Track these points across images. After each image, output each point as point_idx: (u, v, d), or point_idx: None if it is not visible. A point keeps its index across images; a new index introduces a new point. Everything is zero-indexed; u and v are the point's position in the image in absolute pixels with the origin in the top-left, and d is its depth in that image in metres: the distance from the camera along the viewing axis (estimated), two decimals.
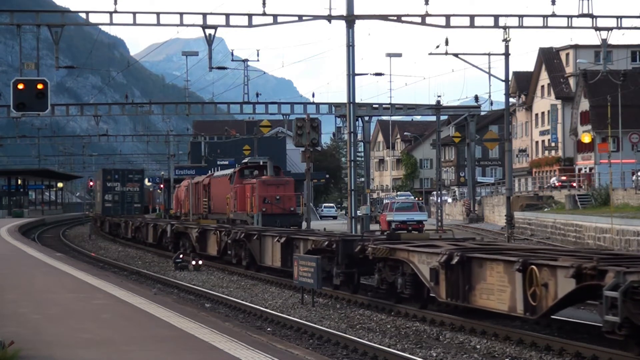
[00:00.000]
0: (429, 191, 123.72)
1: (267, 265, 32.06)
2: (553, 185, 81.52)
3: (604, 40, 41.59)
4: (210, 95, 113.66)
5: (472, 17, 42.10)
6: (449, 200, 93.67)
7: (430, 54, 49.49)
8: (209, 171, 74.71)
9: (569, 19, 41.66)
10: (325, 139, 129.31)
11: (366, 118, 68.79)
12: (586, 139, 76.43)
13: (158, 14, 40.15)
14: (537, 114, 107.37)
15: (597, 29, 41.41)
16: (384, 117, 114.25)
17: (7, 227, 63.74)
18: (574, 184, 77.96)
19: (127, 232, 60.35)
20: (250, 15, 40.46)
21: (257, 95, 67.08)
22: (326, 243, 25.82)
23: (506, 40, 46.66)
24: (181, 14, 40.43)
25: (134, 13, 40.07)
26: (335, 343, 18.43)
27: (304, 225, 46.56)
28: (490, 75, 55.58)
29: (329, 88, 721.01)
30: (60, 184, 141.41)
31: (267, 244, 31.84)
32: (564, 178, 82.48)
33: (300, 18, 42.02)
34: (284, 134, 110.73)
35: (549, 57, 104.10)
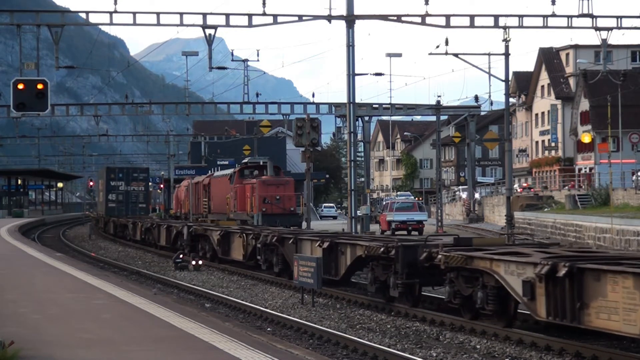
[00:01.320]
0: (429, 191, 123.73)
1: None
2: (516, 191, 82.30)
3: (604, 40, 41.60)
4: (210, 95, 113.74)
5: (472, 17, 42.11)
6: (464, 195, 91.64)
7: (430, 54, 49.57)
8: (209, 171, 74.74)
9: (569, 19, 41.67)
10: (325, 139, 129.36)
11: (366, 118, 68.78)
12: (586, 139, 76.42)
13: (158, 14, 40.18)
14: (537, 114, 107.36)
15: (597, 29, 41.42)
16: (384, 117, 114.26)
17: (7, 227, 63.74)
18: (534, 189, 78.07)
19: (135, 234, 56.82)
20: (250, 15, 40.49)
21: (257, 95, 67.09)
22: (382, 250, 22.79)
23: (506, 40, 46.69)
24: (181, 14, 40.46)
25: (134, 13, 40.09)
26: (335, 343, 18.43)
27: (304, 225, 46.59)
28: (490, 75, 55.62)
29: (329, 88, 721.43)
30: (60, 184, 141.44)
31: (304, 248, 28.58)
32: (525, 185, 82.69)
33: (300, 18, 42.04)
34: (284, 134, 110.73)
35: (549, 57, 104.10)
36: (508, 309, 18.86)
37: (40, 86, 27.46)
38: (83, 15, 44.10)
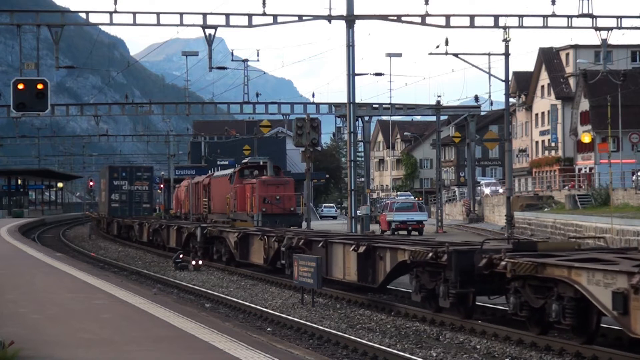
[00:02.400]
0: (429, 191, 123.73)
1: (336, 278, 26.40)
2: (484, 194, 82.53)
3: (604, 40, 41.60)
4: (210, 95, 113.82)
5: (472, 17, 42.11)
6: (487, 190, 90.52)
7: (430, 54, 49.58)
8: (209, 171, 74.68)
9: (569, 19, 41.66)
10: (325, 139, 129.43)
11: (366, 118, 68.78)
12: (586, 139, 76.40)
13: (158, 14, 40.17)
14: (537, 114, 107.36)
15: (597, 29, 41.41)
16: (384, 117, 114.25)
17: (7, 227, 63.73)
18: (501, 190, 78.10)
19: (141, 235, 54.64)
20: (250, 15, 40.48)
21: (257, 95, 67.07)
22: (430, 255, 20.66)
23: (506, 40, 46.69)
24: (181, 14, 40.45)
25: (134, 13, 40.08)
26: (335, 343, 18.43)
27: (304, 225, 46.58)
28: (490, 75, 55.64)
29: (329, 88, 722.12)
30: (60, 184, 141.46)
31: (336, 253, 26.27)
32: (489, 191, 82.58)
33: (300, 18, 42.03)
34: (284, 134, 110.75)
35: (549, 57, 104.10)
36: (589, 323, 16.63)
37: (40, 86, 27.48)
38: (83, 15, 44.06)
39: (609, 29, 41.44)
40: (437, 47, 48.27)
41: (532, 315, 17.88)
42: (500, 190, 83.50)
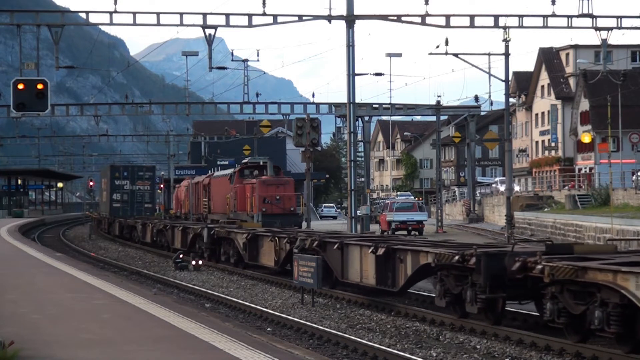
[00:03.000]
0: (429, 191, 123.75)
1: (352, 281, 25.47)
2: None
3: (604, 40, 41.59)
4: (210, 95, 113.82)
5: (472, 17, 42.11)
6: (502, 188, 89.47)
7: (430, 54, 49.55)
8: (209, 171, 74.68)
9: (569, 19, 41.66)
10: (325, 139, 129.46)
11: (366, 118, 68.78)
12: (586, 139, 76.43)
13: (158, 14, 40.17)
14: (537, 114, 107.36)
15: (597, 29, 41.41)
16: (384, 117, 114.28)
17: (7, 227, 63.73)
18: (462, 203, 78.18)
19: (145, 236, 53.75)
20: (250, 15, 40.48)
21: (257, 95, 67.06)
22: (457, 258, 19.58)
23: (506, 40, 46.68)
24: (181, 14, 40.45)
25: (134, 13, 40.08)
26: (335, 343, 18.43)
27: (304, 225, 46.59)
28: (490, 75, 55.63)
29: (329, 88, 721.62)
30: (60, 184, 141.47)
31: (352, 255, 25.20)
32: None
33: (300, 18, 42.03)
34: (284, 134, 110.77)
35: (549, 57, 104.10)
36: (635, 331, 15.65)
37: (40, 86, 27.49)
38: (83, 15, 44.06)
39: (609, 29, 41.44)
40: (437, 47, 48.30)
41: (571, 322, 16.83)
42: (517, 188, 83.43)
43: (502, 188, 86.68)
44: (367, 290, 25.02)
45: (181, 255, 38.72)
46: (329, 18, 41.47)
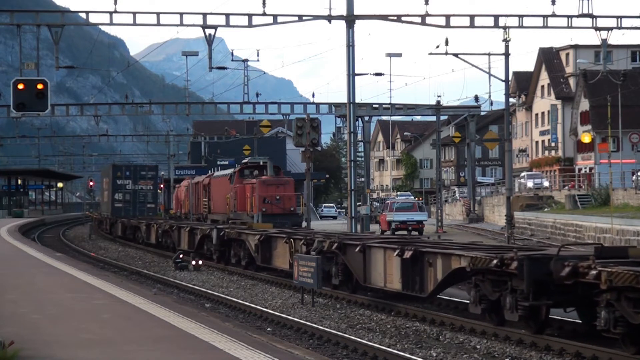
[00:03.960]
0: (429, 191, 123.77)
1: (375, 286, 24.27)
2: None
3: (604, 40, 41.59)
4: (210, 95, 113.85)
5: (472, 17, 42.10)
6: (529, 184, 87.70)
7: (430, 54, 49.52)
8: (209, 171, 74.65)
9: (569, 19, 41.66)
10: (325, 139, 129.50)
11: (366, 118, 68.78)
12: (586, 139, 76.44)
13: (158, 14, 40.17)
14: (537, 114, 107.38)
15: (597, 29, 41.41)
16: (384, 117, 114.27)
17: (7, 227, 63.71)
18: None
19: (149, 237, 52.52)
20: (250, 15, 40.48)
21: (257, 95, 67.06)
22: (495, 262, 18.26)
23: (506, 40, 46.64)
24: (181, 14, 40.46)
25: (134, 13, 40.08)
26: (335, 343, 18.43)
27: (304, 225, 46.57)
28: (490, 75, 55.59)
29: (329, 88, 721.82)
30: (60, 184, 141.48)
31: (375, 258, 23.93)
32: (532, 184, 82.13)
33: (300, 18, 42.03)
34: (284, 134, 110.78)
35: (549, 57, 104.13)
36: None
37: (40, 86, 27.48)
38: (83, 15, 44.06)
39: (609, 29, 41.44)
40: (437, 47, 48.27)
41: (629, 333, 15.73)
42: (546, 184, 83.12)
43: (529, 183, 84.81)
44: (390, 295, 24.00)
45: (181, 255, 38.71)
46: (329, 18, 41.47)
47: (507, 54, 47.86)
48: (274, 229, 36.38)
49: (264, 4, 39.84)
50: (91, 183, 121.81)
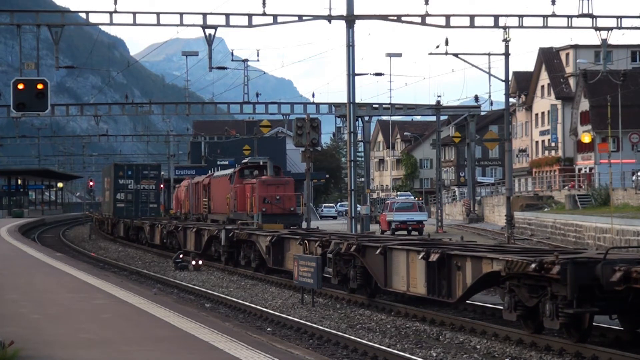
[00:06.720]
0: (429, 191, 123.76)
1: (397, 290, 22.98)
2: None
3: (604, 40, 41.58)
4: (210, 95, 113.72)
5: (472, 17, 42.09)
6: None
7: (430, 54, 49.56)
8: (209, 171, 74.61)
9: (569, 19, 41.65)
10: (325, 139, 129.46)
11: (366, 118, 68.78)
12: (586, 139, 76.45)
13: (158, 14, 40.15)
14: (537, 114, 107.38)
15: (597, 29, 41.40)
16: (384, 117, 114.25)
17: (7, 227, 63.72)
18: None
19: (153, 238, 51.64)
20: (250, 15, 40.47)
21: (257, 95, 67.08)
22: (533, 266, 16.82)
23: (506, 40, 46.69)
24: (181, 14, 40.44)
25: (134, 13, 40.07)
26: (335, 343, 18.43)
27: (304, 225, 46.56)
28: (490, 75, 55.66)
29: (329, 88, 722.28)
30: (60, 184, 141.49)
31: (397, 261, 22.67)
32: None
33: (300, 18, 42.03)
34: (284, 134, 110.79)
35: (549, 57, 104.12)
36: None
37: (40, 86, 27.48)
38: (83, 15, 44.07)
39: (609, 29, 41.42)
40: (437, 47, 48.31)
41: None
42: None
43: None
44: (413, 300, 23.19)
45: (181, 255, 38.72)
46: (329, 18, 41.46)
47: (507, 54, 47.90)
48: (285, 229, 35.67)
49: (264, 4, 39.83)
50: (91, 183, 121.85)
